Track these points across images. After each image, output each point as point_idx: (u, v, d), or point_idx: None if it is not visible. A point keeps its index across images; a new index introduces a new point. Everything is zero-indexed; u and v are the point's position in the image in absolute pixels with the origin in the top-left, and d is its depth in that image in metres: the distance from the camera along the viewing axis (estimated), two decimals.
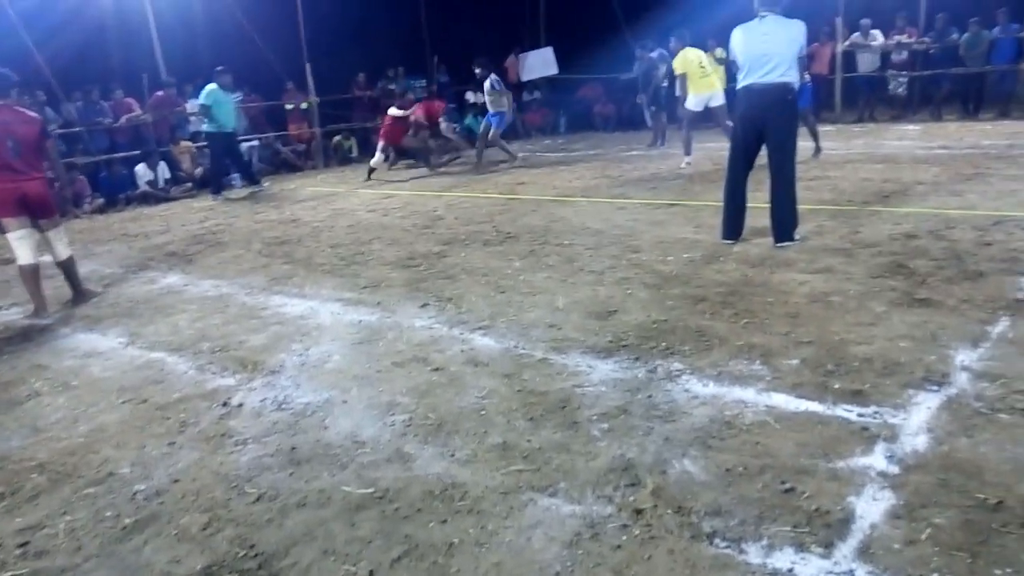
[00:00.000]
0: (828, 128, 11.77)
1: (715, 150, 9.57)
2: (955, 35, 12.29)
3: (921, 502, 2.15)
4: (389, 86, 14.47)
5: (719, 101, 9.42)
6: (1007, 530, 2.00)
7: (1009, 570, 1.86)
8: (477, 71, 11.25)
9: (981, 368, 3.00)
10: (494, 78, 11.04)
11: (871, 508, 2.15)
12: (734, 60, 5.21)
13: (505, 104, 11.17)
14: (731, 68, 5.50)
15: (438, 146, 12.09)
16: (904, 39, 12.81)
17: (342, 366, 3.62)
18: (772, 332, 3.55)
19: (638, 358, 3.38)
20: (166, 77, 11.69)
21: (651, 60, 12.03)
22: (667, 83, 11.69)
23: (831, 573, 1.91)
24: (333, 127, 14.13)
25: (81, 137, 10.91)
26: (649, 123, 12.64)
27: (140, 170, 10.79)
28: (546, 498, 2.35)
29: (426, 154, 11.75)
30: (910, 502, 2.16)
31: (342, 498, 2.45)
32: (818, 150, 9.01)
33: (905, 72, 13.03)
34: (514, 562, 2.07)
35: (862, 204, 6.26)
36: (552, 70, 15.39)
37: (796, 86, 5.03)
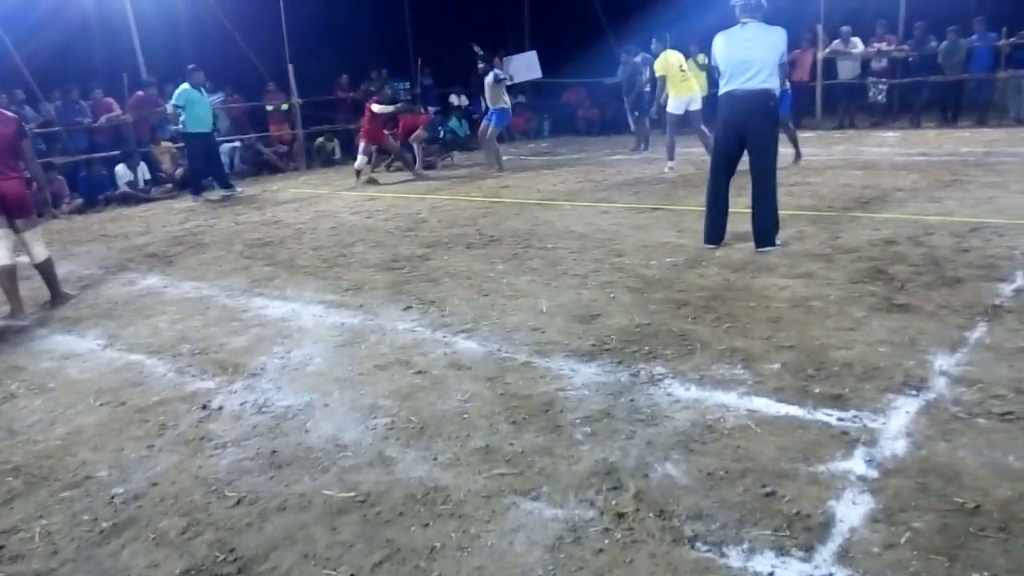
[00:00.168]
0: (809, 134, 11.90)
1: (698, 155, 9.64)
2: (933, 43, 12.47)
3: (900, 506, 2.17)
4: (371, 88, 14.43)
5: (697, 105, 9.52)
6: (984, 534, 2.03)
7: (986, 574, 1.88)
8: (480, 64, 11.26)
9: (959, 373, 3.03)
10: (497, 72, 11.03)
11: (851, 512, 2.16)
12: (716, 66, 5.25)
13: (507, 100, 11.14)
14: (713, 74, 5.53)
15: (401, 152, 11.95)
16: (884, 47, 12.97)
17: (324, 369, 3.60)
18: (754, 336, 3.58)
19: (621, 362, 3.39)
20: (146, 77, 11.58)
21: (635, 65, 12.10)
22: (650, 87, 11.78)
23: None
24: (316, 128, 14.05)
25: (60, 137, 10.79)
26: (632, 127, 12.70)
27: (120, 170, 10.68)
28: (528, 502, 2.34)
29: (403, 158, 11.67)
30: (889, 506, 2.18)
31: (323, 502, 2.43)
32: (798, 156, 9.10)
33: (884, 79, 13.20)
34: (496, 566, 2.06)
35: (842, 210, 6.32)
36: (536, 74, 15.42)
37: (777, 92, 5.08)
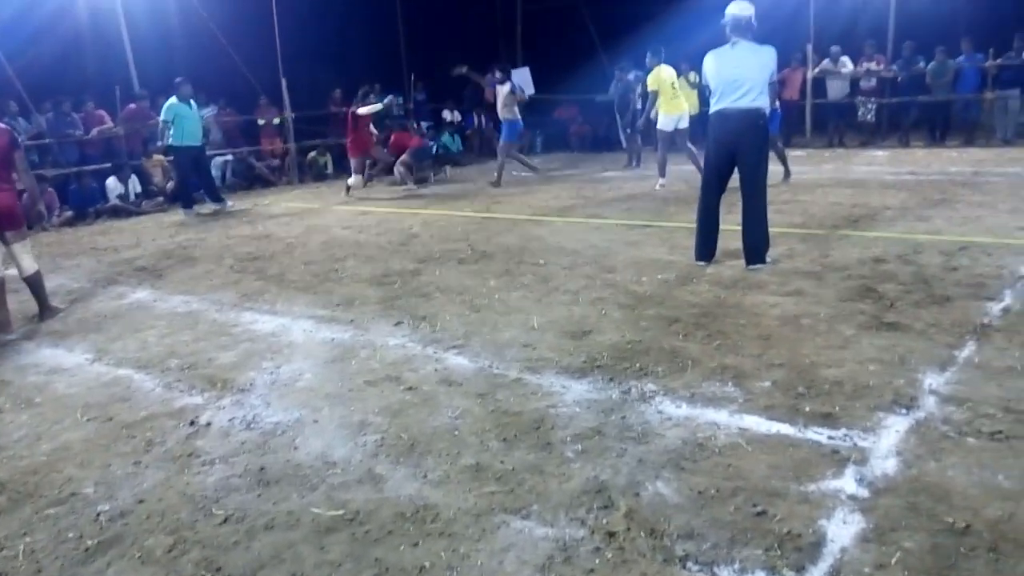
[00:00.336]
0: (799, 153, 11.98)
1: (690, 172, 9.68)
2: (921, 63, 12.60)
3: (891, 526, 2.17)
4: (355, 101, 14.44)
5: (686, 123, 9.59)
6: (974, 554, 2.02)
7: None
8: (497, 75, 11.34)
9: (948, 392, 3.04)
10: (515, 83, 11.07)
11: (842, 532, 2.16)
12: (707, 85, 5.30)
13: (517, 113, 11.16)
14: (704, 92, 5.58)
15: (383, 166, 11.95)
16: (873, 67, 13.10)
17: (313, 384, 3.58)
18: (744, 354, 3.58)
19: (612, 379, 3.38)
20: (139, 90, 11.57)
21: (628, 82, 12.19)
22: (641, 103, 11.87)
23: None
24: (308, 143, 14.05)
25: (51, 149, 10.74)
26: (624, 144, 12.77)
27: (111, 183, 10.63)
28: (519, 520, 2.33)
29: (389, 168, 11.67)
30: (880, 526, 2.17)
31: (311, 520, 2.41)
32: (788, 174, 9.16)
33: (873, 99, 13.32)
34: None
35: (832, 228, 6.36)
36: (529, 90, 15.52)
37: (768, 111, 5.12)
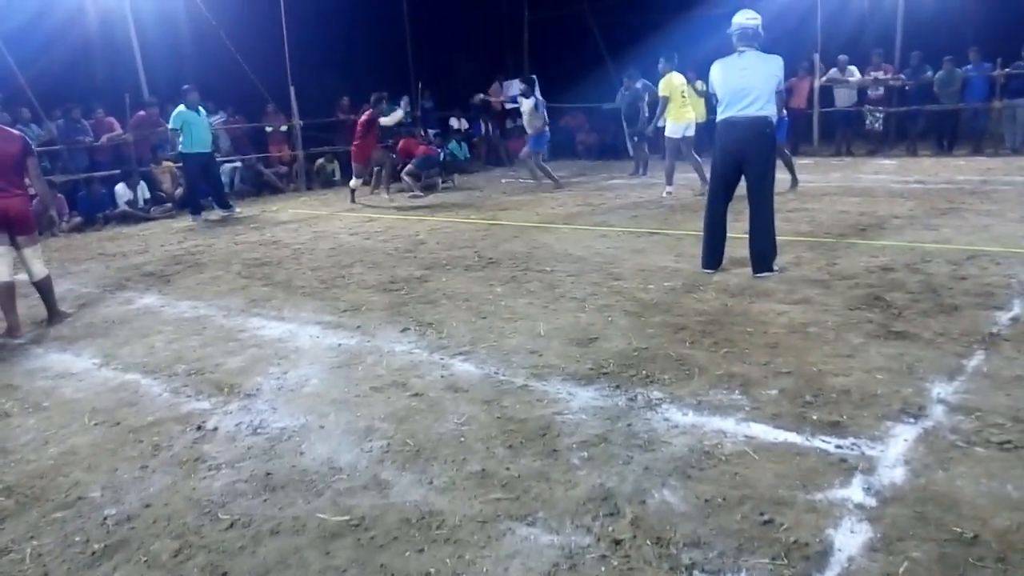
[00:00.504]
0: (806, 161, 11.97)
1: (697, 180, 9.68)
2: (929, 72, 12.60)
3: (898, 535, 2.16)
4: (372, 109, 14.49)
5: (692, 132, 9.60)
6: (983, 564, 2.01)
7: None
8: (520, 87, 11.48)
9: (957, 401, 3.03)
10: (539, 99, 11.13)
11: (849, 541, 2.15)
12: (713, 93, 5.30)
13: (539, 125, 11.22)
14: (711, 100, 5.59)
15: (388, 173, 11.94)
16: (880, 75, 13.10)
17: (320, 390, 3.59)
18: (751, 362, 3.57)
19: (618, 386, 3.38)
20: (148, 97, 11.64)
21: (636, 90, 12.21)
22: (647, 111, 11.90)
23: None
24: (316, 150, 14.12)
25: (61, 155, 10.82)
26: (631, 152, 12.78)
27: (120, 189, 10.71)
28: (524, 527, 2.33)
29: (389, 172, 11.67)
30: (887, 535, 2.16)
31: (317, 526, 2.41)
32: (795, 182, 9.15)
33: (881, 108, 13.31)
34: None
35: (839, 236, 6.35)
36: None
37: (774, 120, 5.12)
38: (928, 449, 2.65)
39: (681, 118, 9.50)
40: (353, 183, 11.02)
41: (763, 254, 5.15)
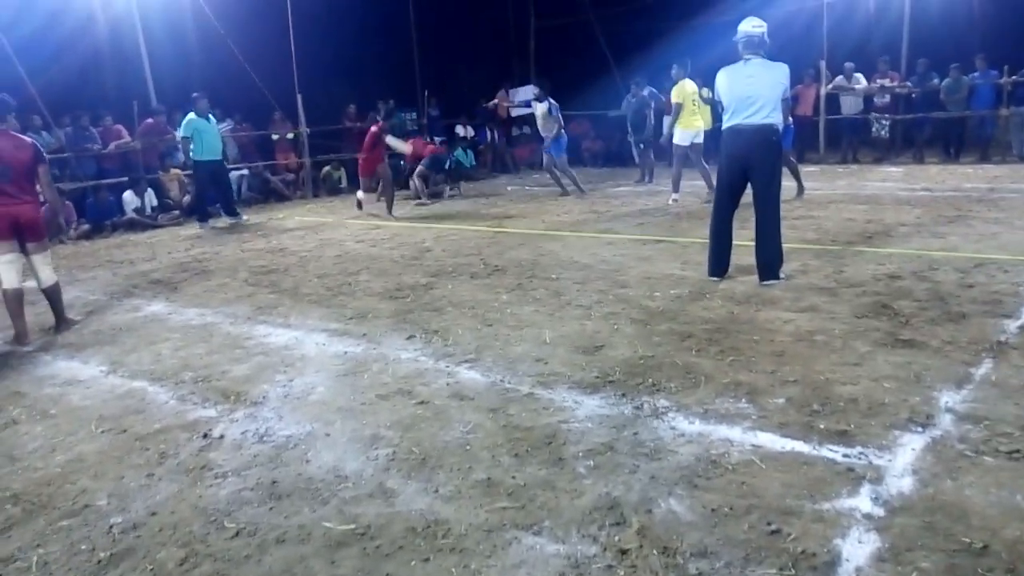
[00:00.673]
0: (812, 169, 11.95)
1: (703, 188, 9.67)
2: (936, 80, 12.58)
3: (907, 545, 2.14)
4: (378, 117, 14.56)
5: (700, 139, 9.61)
6: (992, 575, 2.00)
7: None
8: (534, 92, 11.56)
9: (965, 410, 3.01)
10: (552, 103, 11.17)
11: (857, 551, 2.14)
12: (719, 101, 5.30)
13: (554, 129, 11.23)
14: (717, 108, 5.59)
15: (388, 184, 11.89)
16: (886, 83, 13.08)
17: (326, 398, 3.59)
18: (758, 370, 3.56)
19: (624, 394, 3.37)
20: (156, 105, 11.72)
21: (643, 98, 12.23)
22: (654, 118, 11.91)
23: None
24: (323, 157, 14.17)
25: (69, 162, 10.88)
26: (637, 159, 12.78)
27: (127, 197, 10.76)
28: (530, 536, 2.32)
29: (388, 192, 11.63)
30: (896, 545, 2.15)
31: (323, 534, 2.41)
32: (801, 190, 9.14)
33: (887, 115, 13.29)
34: None
35: (846, 244, 6.33)
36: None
37: (780, 127, 5.12)
38: (936, 458, 2.64)
39: (690, 126, 9.51)
40: (360, 195, 11.06)
41: (769, 262, 5.14)
